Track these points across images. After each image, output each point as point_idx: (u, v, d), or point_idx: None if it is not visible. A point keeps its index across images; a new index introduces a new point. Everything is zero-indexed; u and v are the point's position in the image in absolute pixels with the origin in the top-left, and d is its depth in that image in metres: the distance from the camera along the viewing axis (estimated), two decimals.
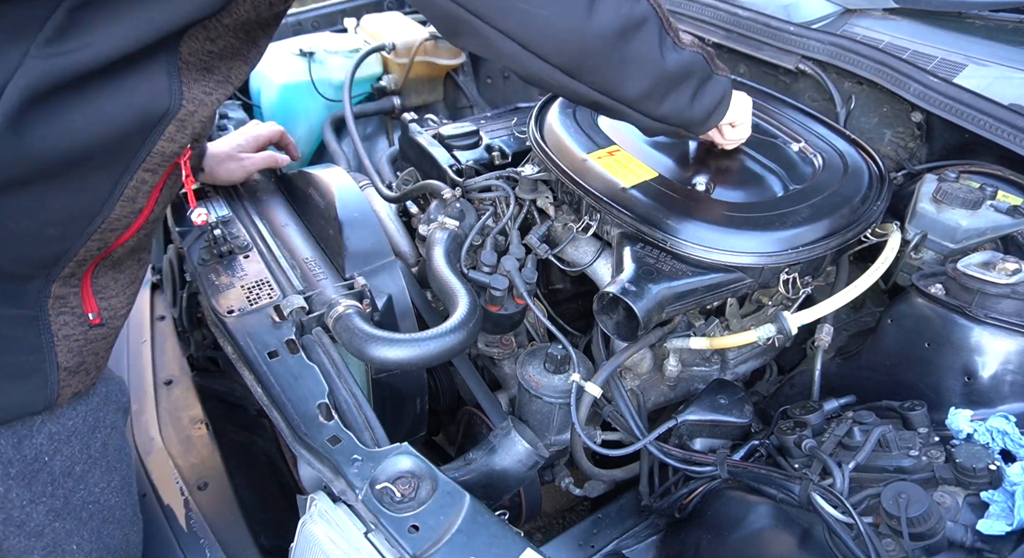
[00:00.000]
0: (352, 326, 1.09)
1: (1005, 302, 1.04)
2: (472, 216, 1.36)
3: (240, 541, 1.28)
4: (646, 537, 1.16)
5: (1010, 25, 1.45)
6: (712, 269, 1.10)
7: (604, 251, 1.31)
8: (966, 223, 1.16)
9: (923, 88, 1.33)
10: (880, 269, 1.14)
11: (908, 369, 1.12)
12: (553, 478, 1.37)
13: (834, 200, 1.18)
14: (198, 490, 1.36)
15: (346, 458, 0.93)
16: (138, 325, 1.74)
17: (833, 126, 1.40)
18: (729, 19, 1.69)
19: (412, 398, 1.36)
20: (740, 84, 1.56)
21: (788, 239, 1.11)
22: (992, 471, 0.87)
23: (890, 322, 1.16)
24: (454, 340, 1.06)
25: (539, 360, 1.23)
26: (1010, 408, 1.02)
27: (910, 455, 0.95)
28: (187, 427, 1.49)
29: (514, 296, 1.27)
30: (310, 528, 0.93)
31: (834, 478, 0.94)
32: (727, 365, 1.31)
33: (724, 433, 1.19)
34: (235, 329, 1.15)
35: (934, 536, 0.83)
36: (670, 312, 1.07)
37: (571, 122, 1.35)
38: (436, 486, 0.89)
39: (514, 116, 1.67)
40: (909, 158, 1.44)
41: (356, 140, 1.76)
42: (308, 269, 1.28)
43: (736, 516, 1.01)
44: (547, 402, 1.20)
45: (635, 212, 1.14)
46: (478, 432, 1.36)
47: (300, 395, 1.03)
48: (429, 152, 1.50)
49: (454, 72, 2.19)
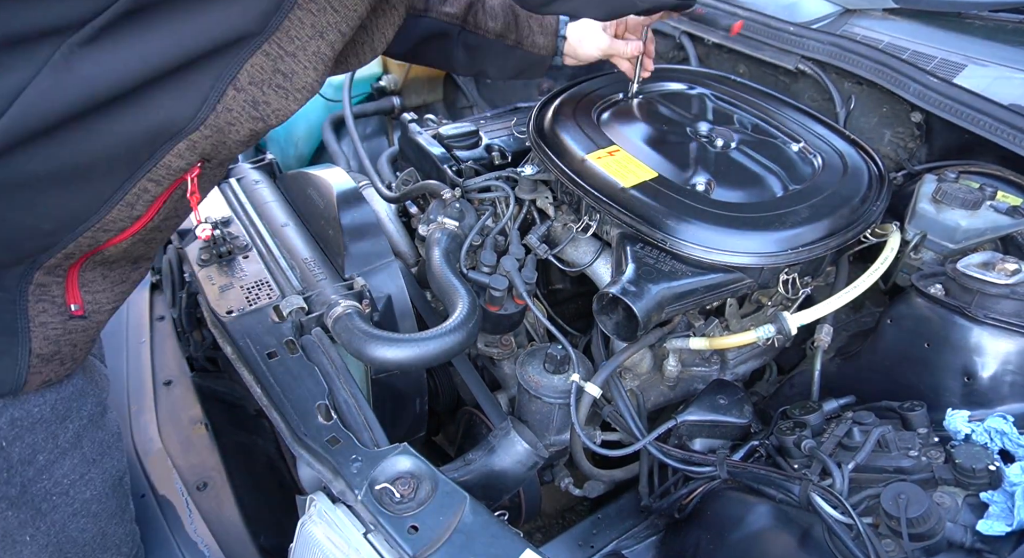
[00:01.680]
0: (352, 326, 1.09)
1: (1004, 302, 1.04)
2: (472, 216, 1.36)
3: (239, 541, 1.28)
4: (646, 537, 1.16)
5: (1010, 25, 1.45)
6: (712, 269, 1.10)
7: (604, 251, 1.31)
8: (966, 223, 1.16)
9: (923, 88, 1.33)
10: (880, 269, 1.14)
11: (908, 369, 1.12)
12: (553, 478, 1.37)
13: (834, 200, 1.18)
14: (198, 490, 1.36)
15: (345, 458, 0.93)
16: (138, 325, 1.74)
17: (833, 126, 1.40)
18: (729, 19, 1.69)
19: (412, 398, 1.36)
20: (741, 84, 1.56)
21: (788, 239, 1.11)
22: (991, 472, 0.87)
23: (890, 322, 1.15)
24: (453, 340, 1.06)
25: (539, 360, 1.23)
26: (1009, 408, 1.02)
27: (910, 455, 0.95)
28: (187, 427, 1.49)
29: (514, 296, 1.27)
30: (309, 528, 0.93)
31: (834, 478, 0.94)
32: (727, 365, 1.31)
33: (724, 433, 1.19)
34: (234, 329, 1.15)
35: (933, 537, 0.83)
36: (670, 312, 1.07)
37: (571, 122, 1.35)
38: (436, 486, 0.89)
39: (514, 116, 1.67)
40: (909, 158, 1.44)
41: (356, 140, 1.76)
42: (307, 269, 1.28)
43: (736, 516, 1.01)
44: (547, 402, 1.20)
45: (635, 212, 1.14)
46: (478, 432, 1.36)
47: (299, 395, 1.03)
48: (429, 152, 1.50)
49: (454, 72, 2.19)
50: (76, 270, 0.88)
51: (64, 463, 0.99)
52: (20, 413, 0.92)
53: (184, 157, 0.80)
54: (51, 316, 0.88)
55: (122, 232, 0.85)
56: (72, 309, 0.89)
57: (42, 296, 0.86)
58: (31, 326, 0.86)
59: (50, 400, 0.95)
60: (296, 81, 0.82)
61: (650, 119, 1.41)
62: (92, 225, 0.81)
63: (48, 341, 0.88)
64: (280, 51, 0.78)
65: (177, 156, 0.80)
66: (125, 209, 0.82)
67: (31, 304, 0.85)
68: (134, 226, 0.85)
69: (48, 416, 0.95)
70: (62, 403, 0.97)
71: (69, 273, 0.88)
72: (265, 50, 0.77)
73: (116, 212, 0.82)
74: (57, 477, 0.99)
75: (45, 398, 0.94)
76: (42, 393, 0.94)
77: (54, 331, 0.88)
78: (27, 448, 0.94)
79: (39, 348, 0.88)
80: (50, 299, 0.87)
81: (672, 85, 1.54)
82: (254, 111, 0.81)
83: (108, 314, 0.96)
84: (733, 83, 1.56)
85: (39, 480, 0.97)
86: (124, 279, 0.96)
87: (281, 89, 0.81)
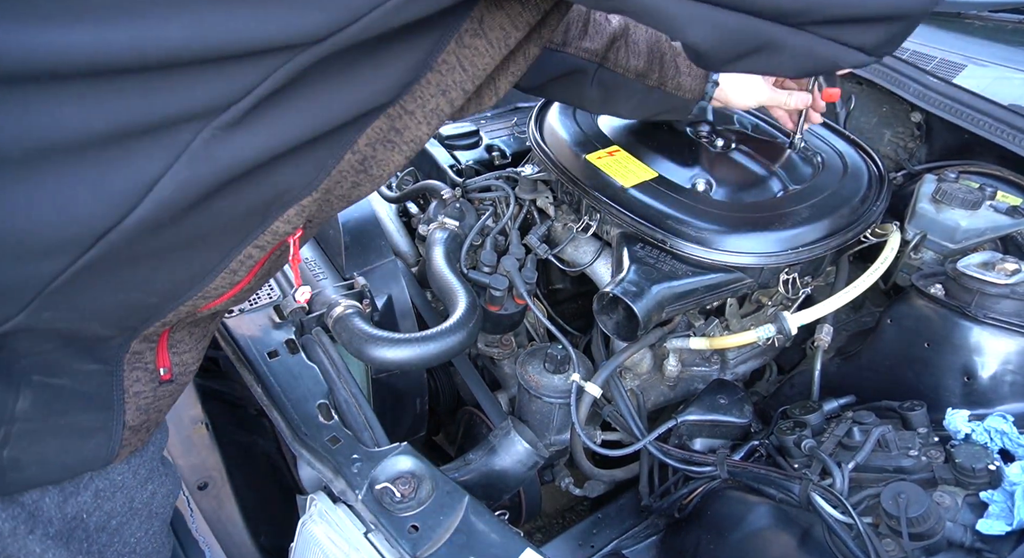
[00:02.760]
0: (352, 326, 1.09)
1: (1004, 302, 1.04)
2: (472, 216, 1.36)
3: (240, 541, 1.28)
4: (646, 537, 1.16)
5: (1010, 25, 1.46)
6: (712, 269, 1.10)
7: (604, 251, 1.31)
8: (965, 223, 1.16)
9: (923, 88, 1.33)
10: (880, 269, 1.14)
11: (908, 369, 1.12)
12: (553, 478, 1.37)
13: (834, 200, 1.18)
14: (198, 490, 1.36)
15: (346, 458, 0.93)
16: None
17: (833, 126, 1.40)
18: None
19: (412, 398, 1.36)
20: None
21: (788, 239, 1.11)
22: (991, 471, 0.87)
23: (890, 322, 1.16)
24: (454, 340, 1.06)
25: (539, 360, 1.23)
26: (1009, 408, 1.02)
27: (910, 455, 0.95)
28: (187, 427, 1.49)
29: (514, 296, 1.27)
30: (310, 528, 0.93)
31: (834, 478, 0.94)
32: (727, 365, 1.31)
33: (724, 433, 1.19)
34: (235, 329, 1.15)
35: (933, 536, 0.83)
36: (670, 312, 1.07)
37: (571, 122, 1.35)
38: (436, 486, 0.89)
39: (514, 116, 1.67)
40: (909, 158, 1.44)
41: None
42: (308, 269, 1.29)
43: (736, 516, 1.01)
44: (547, 402, 1.20)
45: (635, 212, 1.14)
46: (478, 432, 1.36)
47: (300, 395, 1.03)
48: (429, 152, 1.50)
49: None
50: (167, 333, 0.84)
51: (134, 522, 0.95)
52: (104, 483, 0.89)
53: (292, 222, 0.75)
54: (144, 384, 0.84)
55: (220, 297, 0.81)
56: (161, 373, 0.85)
57: (136, 364, 0.82)
58: (125, 398, 0.82)
59: (133, 466, 0.91)
60: (407, 135, 0.76)
61: None
62: (195, 294, 0.77)
63: (140, 411, 0.85)
64: (401, 111, 0.72)
65: (285, 222, 0.75)
66: (228, 276, 0.78)
67: (127, 373, 0.81)
68: (233, 290, 0.81)
69: (130, 482, 0.92)
70: (144, 467, 0.93)
71: (161, 337, 0.84)
72: (388, 113, 0.72)
73: (219, 280, 0.77)
74: (126, 537, 0.95)
75: (129, 464, 0.91)
76: (128, 460, 0.90)
77: (145, 400, 0.85)
78: (104, 515, 0.91)
79: (132, 419, 0.84)
80: (143, 367, 0.83)
81: None
82: (360, 167, 0.76)
83: (191, 376, 0.91)
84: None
85: (112, 544, 0.93)
86: (205, 333, 0.92)
87: (391, 143, 0.76)
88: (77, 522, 0.88)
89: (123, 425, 0.83)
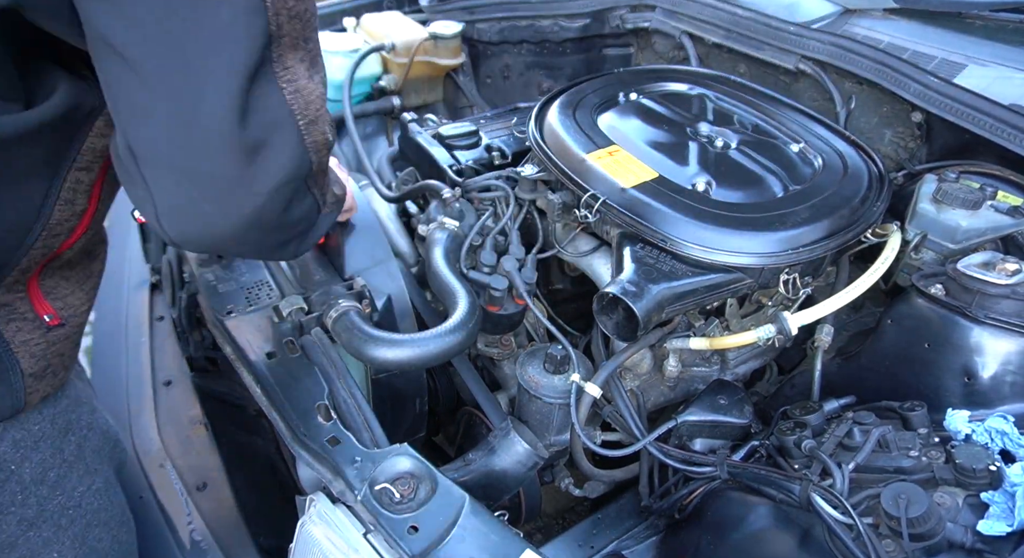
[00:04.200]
0: (351, 326, 1.08)
1: (1005, 302, 1.04)
2: (472, 216, 1.36)
3: (239, 542, 1.28)
4: (646, 538, 1.16)
5: (1010, 25, 1.45)
6: (712, 269, 1.10)
7: (603, 251, 1.31)
8: (966, 223, 1.16)
9: (923, 88, 1.33)
10: (880, 269, 1.14)
11: (908, 369, 1.12)
12: (553, 479, 1.37)
13: (834, 201, 1.18)
14: (197, 491, 1.36)
15: (345, 459, 0.93)
16: (137, 326, 1.74)
17: (833, 126, 1.40)
18: (729, 19, 1.69)
19: (412, 398, 1.36)
20: (741, 84, 1.56)
21: (788, 239, 1.11)
22: (992, 472, 0.87)
23: (890, 322, 1.15)
24: (453, 340, 1.06)
25: (539, 360, 1.23)
26: (1010, 408, 1.02)
27: (910, 456, 0.95)
28: (186, 428, 1.49)
29: (514, 296, 1.27)
30: (309, 529, 0.92)
31: (834, 478, 0.94)
32: (727, 365, 1.31)
33: (724, 433, 1.19)
34: (234, 329, 1.15)
35: (934, 537, 0.83)
36: (670, 312, 1.07)
37: (571, 122, 1.35)
38: (435, 487, 0.89)
39: (514, 116, 1.66)
40: (909, 158, 1.44)
41: (356, 140, 1.75)
42: (307, 269, 1.28)
43: (736, 516, 1.01)
44: (547, 402, 1.20)
45: (635, 212, 1.14)
46: (478, 432, 1.35)
47: (299, 395, 1.03)
48: (429, 152, 1.50)
49: (454, 72, 2.18)
50: (35, 281, 0.85)
51: (72, 476, 0.97)
52: (21, 433, 0.90)
53: (106, 134, 0.77)
54: (29, 333, 0.85)
55: (73, 232, 0.82)
56: (46, 319, 0.86)
57: (10, 316, 0.83)
58: (12, 347, 0.83)
59: (48, 415, 0.93)
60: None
61: (650, 119, 1.41)
62: (39, 233, 0.78)
63: (36, 358, 0.86)
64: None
65: (99, 135, 0.77)
66: (66, 207, 0.79)
67: (2, 326, 0.82)
68: (83, 221, 0.82)
69: (50, 431, 0.93)
70: (60, 416, 0.95)
71: (28, 286, 0.85)
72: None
73: (58, 212, 0.78)
74: (68, 491, 0.97)
75: (43, 414, 0.92)
76: (40, 410, 0.92)
77: (38, 347, 0.86)
78: (36, 467, 0.92)
79: (29, 367, 0.85)
80: (20, 317, 0.84)
81: (672, 85, 1.54)
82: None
83: (85, 314, 0.93)
84: (733, 83, 1.56)
85: (53, 497, 0.95)
86: (88, 275, 0.92)
87: None
88: (5, 473, 0.89)
89: (21, 373, 0.84)
